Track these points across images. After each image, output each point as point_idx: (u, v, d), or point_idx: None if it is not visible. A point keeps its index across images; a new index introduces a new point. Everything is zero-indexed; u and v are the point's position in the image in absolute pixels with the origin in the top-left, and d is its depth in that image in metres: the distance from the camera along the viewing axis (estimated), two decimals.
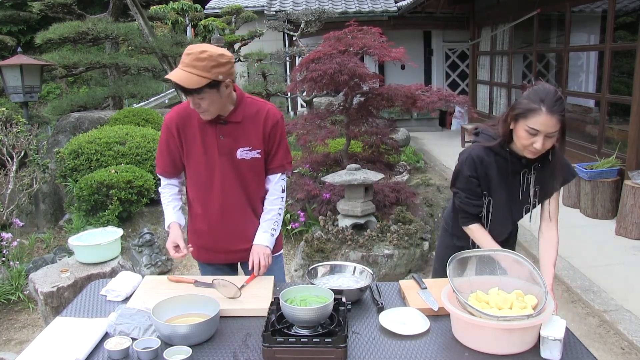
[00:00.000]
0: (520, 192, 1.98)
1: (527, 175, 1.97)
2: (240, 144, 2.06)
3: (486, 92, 9.66)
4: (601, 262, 4.29)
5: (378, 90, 4.97)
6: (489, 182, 1.99)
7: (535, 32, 7.64)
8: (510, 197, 2.01)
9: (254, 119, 2.07)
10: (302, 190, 4.94)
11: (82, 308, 1.90)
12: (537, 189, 1.97)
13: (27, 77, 5.66)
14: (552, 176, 1.95)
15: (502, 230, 2.10)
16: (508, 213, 2.06)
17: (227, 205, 2.12)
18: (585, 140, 6.50)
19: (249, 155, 2.08)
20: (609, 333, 3.33)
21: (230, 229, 2.16)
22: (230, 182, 2.09)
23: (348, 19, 5.68)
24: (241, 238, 2.17)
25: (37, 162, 5.01)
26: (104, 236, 3.13)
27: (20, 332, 3.53)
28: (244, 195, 2.13)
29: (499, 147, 1.94)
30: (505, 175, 1.97)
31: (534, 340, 1.53)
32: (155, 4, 11.53)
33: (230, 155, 2.06)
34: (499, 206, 2.03)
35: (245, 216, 2.16)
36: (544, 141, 1.78)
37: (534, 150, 1.82)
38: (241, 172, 2.09)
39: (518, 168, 1.95)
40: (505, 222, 2.10)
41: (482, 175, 1.98)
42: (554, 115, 1.73)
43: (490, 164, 1.96)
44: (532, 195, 1.97)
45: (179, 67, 1.87)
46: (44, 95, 13.84)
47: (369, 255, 3.98)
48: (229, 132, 2.05)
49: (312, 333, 1.56)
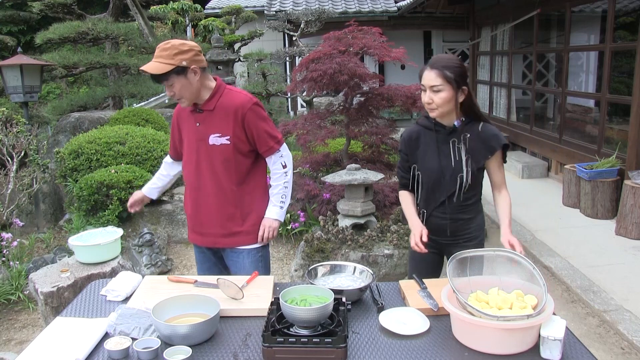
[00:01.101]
0: (453, 160, 2.14)
1: (458, 145, 2.14)
2: (212, 131, 2.24)
3: (486, 92, 9.66)
4: (601, 262, 4.29)
5: (378, 90, 4.97)
6: (419, 155, 2.22)
7: (535, 32, 7.64)
8: (442, 166, 2.16)
9: (226, 108, 2.23)
10: (302, 190, 4.94)
11: (82, 308, 1.90)
12: (469, 157, 2.13)
13: (27, 77, 5.66)
14: (482, 145, 2.12)
15: (438, 197, 2.21)
16: (441, 180, 2.18)
17: (203, 188, 2.31)
18: (585, 140, 6.50)
19: (219, 141, 2.23)
20: (609, 333, 3.33)
21: (205, 211, 2.34)
22: (205, 167, 2.28)
23: (348, 19, 5.68)
24: (214, 222, 2.33)
25: (37, 162, 5.01)
26: (104, 236, 3.13)
27: (20, 332, 3.53)
28: (215, 179, 2.28)
29: (425, 120, 2.21)
30: (435, 146, 2.17)
31: (534, 340, 1.53)
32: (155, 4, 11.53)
33: (204, 141, 2.25)
34: (433, 174, 2.18)
35: (218, 201, 2.30)
36: (432, 95, 2.04)
37: (428, 107, 2.08)
38: (213, 157, 2.26)
39: (445, 137, 2.15)
40: (439, 189, 2.20)
41: (413, 150, 2.23)
42: (432, 69, 2.02)
43: (420, 138, 2.22)
44: (464, 163, 2.13)
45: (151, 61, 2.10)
46: (44, 95, 13.84)
47: (369, 255, 3.98)
48: (204, 119, 2.25)
49: (312, 333, 1.56)
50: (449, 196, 2.18)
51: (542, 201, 6.08)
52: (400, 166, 2.32)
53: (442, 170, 2.16)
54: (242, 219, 2.33)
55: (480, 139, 2.12)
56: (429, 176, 2.19)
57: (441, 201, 2.20)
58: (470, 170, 2.12)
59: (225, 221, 2.31)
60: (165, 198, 5.52)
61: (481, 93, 10.09)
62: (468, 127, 2.13)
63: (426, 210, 2.26)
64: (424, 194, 2.25)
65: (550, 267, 4.27)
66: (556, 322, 1.54)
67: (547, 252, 4.59)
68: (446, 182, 2.16)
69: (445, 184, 2.16)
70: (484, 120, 2.16)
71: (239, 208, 2.32)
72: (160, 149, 5.42)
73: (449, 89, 2.02)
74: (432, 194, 2.22)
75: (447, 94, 2.03)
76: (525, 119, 8.36)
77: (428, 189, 2.22)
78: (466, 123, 2.13)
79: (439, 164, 2.16)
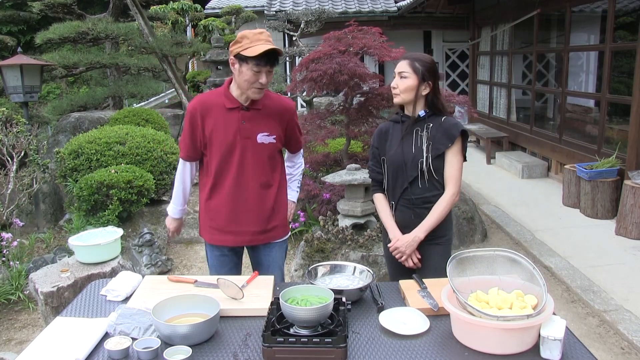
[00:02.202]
0: (414, 147, 2.27)
1: (420, 133, 2.28)
2: (260, 129, 2.30)
3: (486, 92, 9.66)
4: (601, 262, 4.29)
5: (378, 90, 4.97)
6: (387, 146, 2.36)
7: (535, 32, 7.64)
8: (404, 152, 2.29)
9: (273, 108, 2.34)
10: (302, 190, 4.94)
11: (82, 308, 1.90)
12: (430, 143, 2.26)
13: (27, 77, 5.66)
14: (444, 134, 2.25)
15: (401, 184, 2.32)
16: (403, 167, 2.29)
17: (244, 185, 2.32)
18: (585, 140, 6.50)
19: (267, 139, 2.32)
20: (609, 333, 3.33)
21: (242, 209, 2.34)
22: (249, 164, 2.30)
23: (348, 19, 5.68)
24: (253, 219, 2.36)
25: (37, 162, 5.01)
26: (104, 236, 3.13)
27: (20, 332, 3.53)
28: (259, 176, 2.33)
29: (395, 115, 2.39)
30: (400, 136, 2.32)
31: (533, 340, 1.53)
32: (155, 4, 11.52)
33: (251, 138, 2.29)
34: (396, 161, 2.31)
35: (260, 197, 2.35)
36: (398, 80, 2.26)
37: (393, 92, 2.28)
38: (259, 155, 2.32)
39: (410, 126, 2.30)
40: (402, 176, 2.31)
41: (383, 143, 2.39)
42: (405, 59, 2.26)
43: (389, 131, 2.38)
44: (424, 149, 2.25)
45: (260, 44, 2.13)
46: (44, 95, 13.84)
47: (369, 255, 3.98)
48: (251, 117, 2.29)
49: (312, 333, 1.56)
50: (410, 182, 2.28)
51: (542, 201, 6.08)
52: (374, 162, 2.44)
53: (404, 156, 2.28)
54: (278, 213, 2.44)
55: (442, 129, 2.26)
56: (392, 162, 2.32)
57: (404, 188, 2.30)
58: (430, 156, 2.24)
59: (265, 217, 2.38)
60: (165, 198, 5.52)
61: (481, 93, 10.09)
62: (431, 118, 2.29)
63: (394, 202, 2.36)
64: (390, 183, 2.37)
65: (550, 267, 4.27)
66: (556, 322, 1.53)
67: (547, 252, 4.59)
68: (408, 168, 2.27)
69: (407, 170, 2.28)
70: (448, 115, 2.32)
71: (277, 203, 2.42)
72: (160, 149, 5.42)
73: (414, 78, 2.23)
74: (395, 181, 2.33)
75: (411, 82, 2.23)
76: (525, 119, 8.37)
77: (392, 176, 2.34)
78: (430, 115, 2.29)
79: (401, 150, 2.29)
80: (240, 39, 2.17)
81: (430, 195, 2.27)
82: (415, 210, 2.30)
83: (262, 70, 2.16)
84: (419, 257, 2.30)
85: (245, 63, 2.16)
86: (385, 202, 2.41)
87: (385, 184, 2.41)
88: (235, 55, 2.18)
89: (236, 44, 2.18)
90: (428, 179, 2.26)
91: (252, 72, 2.16)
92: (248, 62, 2.14)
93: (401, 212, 2.34)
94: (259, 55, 2.11)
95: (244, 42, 2.15)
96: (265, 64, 2.16)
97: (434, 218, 2.25)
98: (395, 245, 2.29)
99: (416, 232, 2.26)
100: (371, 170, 2.46)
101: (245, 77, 2.18)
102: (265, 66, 2.16)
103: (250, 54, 2.11)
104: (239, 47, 2.15)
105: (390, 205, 2.39)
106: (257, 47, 2.11)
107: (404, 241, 2.27)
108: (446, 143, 2.24)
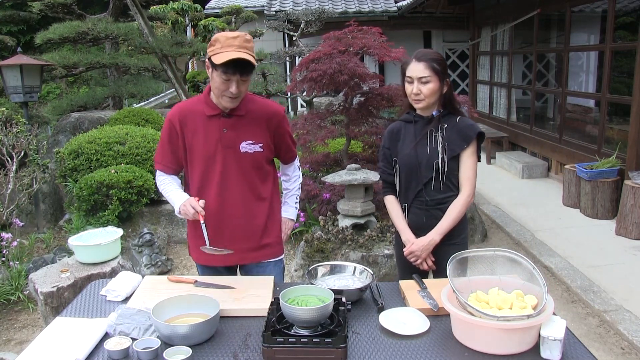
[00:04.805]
0: (429, 148, 2.20)
1: (435, 134, 2.20)
2: (243, 137, 2.11)
3: (486, 92, 9.66)
4: (601, 262, 4.29)
5: (378, 90, 4.97)
6: (399, 146, 2.28)
7: (535, 32, 7.64)
8: (418, 153, 2.22)
9: (258, 114, 2.13)
10: (302, 190, 4.93)
11: (82, 308, 1.90)
12: (445, 144, 2.19)
13: (27, 77, 5.66)
14: (459, 135, 2.19)
15: (415, 186, 2.25)
16: (417, 168, 2.22)
17: (228, 199, 2.13)
18: (585, 140, 6.50)
19: (252, 148, 2.12)
20: (609, 333, 3.33)
21: (228, 225, 2.15)
22: (233, 176, 2.12)
23: (348, 19, 5.68)
24: (242, 235, 2.17)
25: (37, 162, 5.01)
26: (104, 236, 3.13)
27: (20, 332, 3.53)
28: (245, 189, 2.14)
29: (406, 115, 2.30)
30: (413, 136, 2.25)
31: (534, 340, 1.53)
32: (155, 4, 11.51)
33: (233, 148, 2.10)
34: (409, 162, 2.23)
35: (247, 212, 2.16)
36: (420, 86, 2.13)
37: (415, 98, 2.16)
38: (244, 166, 2.13)
39: (423, 127, 2.23)
40: (416, 178, 2.25)
41: (394, 144, 2.30)
42: (420, 61, 2.13)
43: (401, 131, 2.30)
44: (440, 150, 2.18)
45: (229, 51, 1.92)
46: (44, 95, 13.84)
47: (369, 255, 3.98)
48: (233, 124, 2.10)
49: (312, 333, 1.56)
50: (425, 184, 2.22)
51: (542, 201, 6.08)
52: (386, 164, 2.35)
53: (418, 158, 2.21)
54: (271, 229, 2.24)
55: (457, 129, 2.19)
56: (406, 163, 2.24)
57: (418, 190, 2.24)
58: (445, 157, 2.18)
59: (256, 233, 2.18)
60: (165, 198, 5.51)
61: (481, 93, 10.09)
62: (446, 118, 2.21)
63: (406, 204, 2.30)
64: (402, 184, 2.29)
65: (550, 267, 4.27)
66: (556, 322, 1.53)
67: (547, 252, 4.58)
68: (422, 169, 2.21)
69: (422, 171, 2.21)
70: (462, 115, 2.24)
71: (270, 218, 2.23)
72: None
73: (436, 80, 2.13)
74: (409, 183, 2.26)
75: (435, 85, 2.13)
76: (525, 119, 8.36)
77: (406, 178, 2.27)
78: (444, 114, 2.21)
79: (415, 152, 2.22)
80: (213, 41, 1.98)
81: (445, 197, 2.22)
82: (429, 212, 2.24)
83: (231, 79, 1.95)
84: (433, 259, 2.26)
85: (215, 69, 1.97)
86: (397, 204, 2.35)
87: (398, 188, 2.34)
88: (209, 58, 1.99)
89: (210, 46, 2.00)
90: (443, 181, 2.20)
91: (221, 79, 1.97)
92: (217, 68, 1.95)
93: (414, 214, 2.28)
94: (225, 63, 1.91)
95: (215, 46, 1.96)
96: (233, 73, 1.94)
97: (451, 220, 2.19)
98: (411, 249, 2.23)
99: (432, 235, 2.20)
100: (382, 171, 2.38)
101: (216, 84, 2.01)
102: (234, 75, 1.95)
103: (216, 61, 1.92)
104: (211, 51, 1.98)
105: (402, 208, 2.33)
106: (225, 54, 1.91)
107: (419, 245, 2.21)
108: (462, 145, 2.18)
